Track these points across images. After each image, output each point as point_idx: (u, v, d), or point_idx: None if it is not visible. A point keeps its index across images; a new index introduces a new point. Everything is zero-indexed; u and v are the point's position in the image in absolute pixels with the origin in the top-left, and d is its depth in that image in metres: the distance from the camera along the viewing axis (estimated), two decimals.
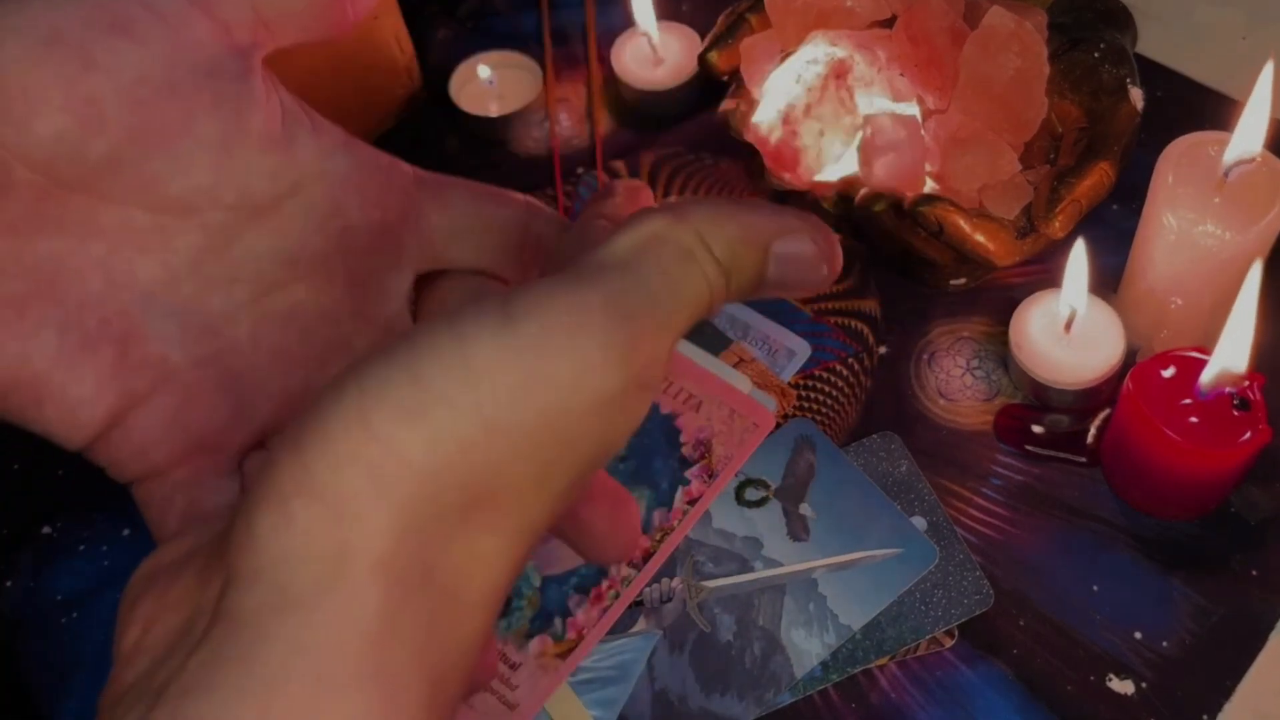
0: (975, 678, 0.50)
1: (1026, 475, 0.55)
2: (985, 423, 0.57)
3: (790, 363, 0.59)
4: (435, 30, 0.76)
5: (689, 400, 0.58)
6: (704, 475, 0.56)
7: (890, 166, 0.56)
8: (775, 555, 0.53)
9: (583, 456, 0.24)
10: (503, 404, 0.22)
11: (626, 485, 0.56)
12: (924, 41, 0.58)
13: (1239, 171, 0.50)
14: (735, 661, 0.51)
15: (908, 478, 0.55)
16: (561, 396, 0.23)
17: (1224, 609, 0.50)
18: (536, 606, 0.53)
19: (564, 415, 0.23)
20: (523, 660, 0.51)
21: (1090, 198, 0.54)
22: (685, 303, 0.25)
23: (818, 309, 0.61)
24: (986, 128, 0.57)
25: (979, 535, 0.53)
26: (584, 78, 0.73)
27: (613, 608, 0.52)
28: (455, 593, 0.23)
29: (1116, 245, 0.58)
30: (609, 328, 0.23)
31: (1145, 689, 0.49)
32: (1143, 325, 0.56)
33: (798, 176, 0.58)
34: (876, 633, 0.51)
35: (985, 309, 0.60)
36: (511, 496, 0.23)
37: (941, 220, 0.53)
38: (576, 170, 0.68)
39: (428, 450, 0.22)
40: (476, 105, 0.70)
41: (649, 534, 0.54)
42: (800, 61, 0.58)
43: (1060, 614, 0.51)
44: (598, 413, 0.24)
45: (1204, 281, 0.52)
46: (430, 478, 0.22)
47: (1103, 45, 0.58)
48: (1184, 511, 0.53)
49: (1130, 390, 0.50)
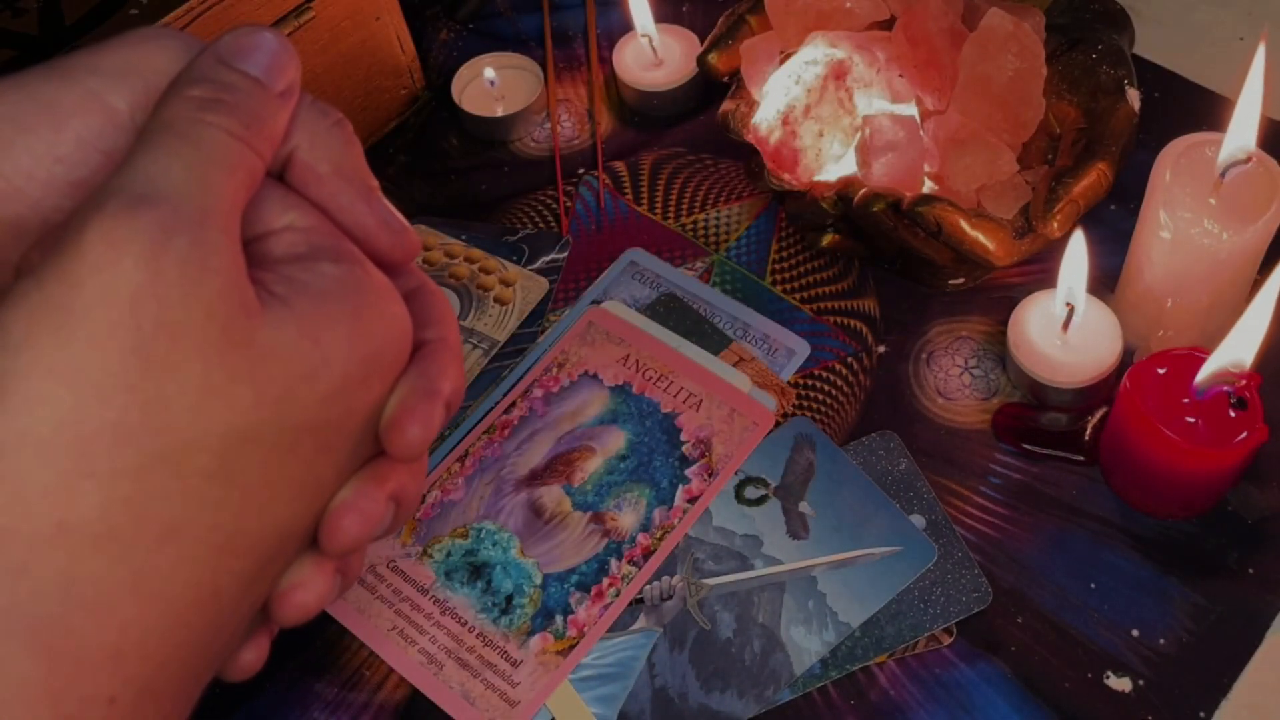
0: (973, 675, 0.50)
1: (1025, 474, 0.55)
2: (983, 421, 0.57)
3: (790, 362, 0.60)
4: (437, 31, 0.76)
5: (689, 399, 0.58)
6: (704, 473, 0.56)
7: (889, 167, 0.56)
8: (775, 553, 0.53)
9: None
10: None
11: (626, 484, 0.56)
12: (923, 42, 0.58)
13: (1235, 172, 0.50)
14: (735, 659, 0.51)
15: (906, 476, 0.55)
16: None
17: (1221, 607, 0.51)
18: (538, 604, 0.53)
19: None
20: (524, 658, 0.52)
21: (1088, 198, 0.54)
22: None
23: (817, 309, 0.61)
24: (985, 128, 0.57)
25: (977, 533, 0.53)
26: (585, 79, 0.73)
27: (613, 605, 0.53)
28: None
29: (1114, 245, 0.59)
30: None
31: (1143, 686, 0.49)
32: (1140, 325, 0.56)
33: (797, 177, 0.59)
34: (875, 630, 0.51)
35: (983, 309, 0.61)
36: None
37: (940, 220, 0.54)
38: (577, 170, 0.69)
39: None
40: (478, 106, 0.71)
41: (649, 532, 0.55)
42: (799, 62, 0.59)
43: (1058, 612, 0.51)
44: None
45: (1201, 281, 0.53)
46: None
47: (1101, 46, 0.58)
48: (1181, 510, 0.53)
49: (1128, 389, 0.50)
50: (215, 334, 0.25)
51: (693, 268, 0.64)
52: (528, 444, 0.58)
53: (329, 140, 0.30)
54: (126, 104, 0.29)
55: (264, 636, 0.31)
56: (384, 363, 0.29)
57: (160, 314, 0.24)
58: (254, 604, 0.29)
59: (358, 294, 0.28)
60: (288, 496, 0.27)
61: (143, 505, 0.25)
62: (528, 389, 0.59)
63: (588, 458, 0.57)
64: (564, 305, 0.63)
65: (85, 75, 0.29)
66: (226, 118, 0.27)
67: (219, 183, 0.27)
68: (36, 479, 0.24)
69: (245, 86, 0.28)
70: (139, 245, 0.25)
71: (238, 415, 0.26)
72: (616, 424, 0.58)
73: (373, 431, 0.30)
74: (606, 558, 0.54)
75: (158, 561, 0.25)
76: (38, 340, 0.24)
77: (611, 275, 0.64)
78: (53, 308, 0.24)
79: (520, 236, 0.66)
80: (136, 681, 0.25)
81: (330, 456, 0.28)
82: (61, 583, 0.24)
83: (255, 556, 0.27)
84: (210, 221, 0.26)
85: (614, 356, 0.60)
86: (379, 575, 0.54)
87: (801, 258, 0.64)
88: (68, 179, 0.28)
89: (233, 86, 0.28)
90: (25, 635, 0.23)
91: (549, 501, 0.56)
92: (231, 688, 0.52)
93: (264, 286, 0.27)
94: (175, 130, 0.27)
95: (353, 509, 0.29)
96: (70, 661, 0.24)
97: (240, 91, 0.28)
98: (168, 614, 0.26)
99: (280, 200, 0.29)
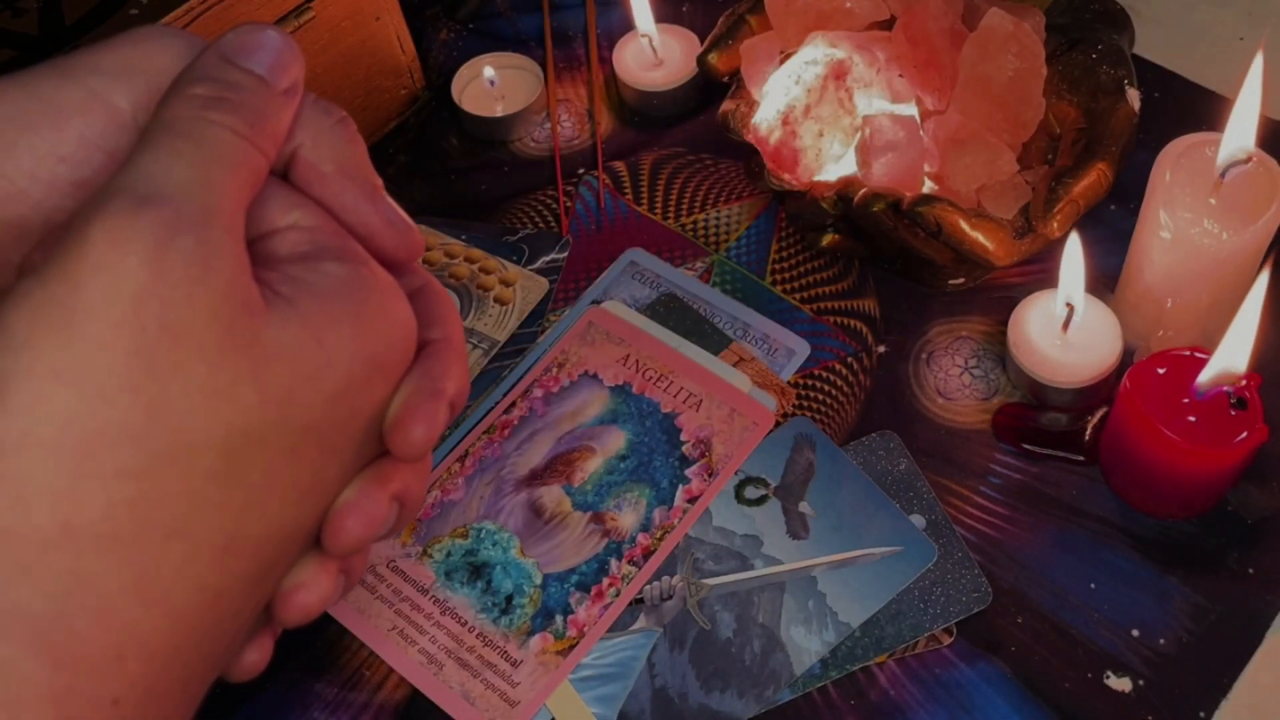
0: (974, 675, 0.50)
1: (1025, 474, 0.55)
2: (983, 421, 0.57)
3: (790, 362, 0.60)
4: (437, 31, 0.76)
5: (689, 399, 0.58)
6: (704, 473, 0.56)
7: (889, 167, 0.56)
8: (775, 553, 0.53)
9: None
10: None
11: (627, 484, 0.56)
12: (923, 42, 0.58)
13: (1235, 172, 0.50)
14: (735, 659, 0.51)
15: (906, 476, 0.55)
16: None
17: (1221, 607, 0.51)
18: (538, 604, 0.53)
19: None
20: (524, 658, 0.52)
21: (1088, 198, 0.54)
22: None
23: (817, 309, 0.61)
24: (985, 128, 0.57)
25: (977, 533, 0.53)
26: (585, 79, 0.73)
27: (613, 605, 0.53)
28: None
29: (1114, 245, 0.59)
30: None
31: (1143, 686, 0.49)
32: (1140, 325, 0.56)
33: (797, 177, 0.59)
34: (875, 630, 0.51)
35: (983, 309, 0.61)
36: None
37: (940, 220, 0.54)
38: (577, 170, 0.69)
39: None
40: (479, 105, 0.71)
41: (649, 532, 0.55)
42: (799, 62, 0.59)
43: (1058, 612, 0.51)
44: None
45: (1201, 281, 0.53)
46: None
47: (1101, 46, 0.58)
48: (1181, 510, 0.53)
49: (1128, 389, 0.50)
50: (219, 334, 0.25)
51: (693, 268, 0.64)
52: (528, 444, 0.58)
53: (332, 139, 0.30)
54: (129, 103, 0.29)
55: (267, 637, 0.31)
56: (388, 363, 0.29)
57: (164, 314, 0.24)
58: (257, 605, 0.29)
59: (363, 294, 0.28)
60: (291, 497, 0.27)
61: (147, 506, 0.25)
62: (528, 389, 0.59)
63: (588, 458, 0.57)
64: (564, 305, 0.63)
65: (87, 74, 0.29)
66: (230, 116, 0.27)
67: (223, 182, 0.26)
68: (40, 480, 0.24)
69: (249, 85, 0.28)
70: (142, 245, 0.24)
71: (242, 416, 0.26)
72: (616, 424, 0.58)
73: (376, 432, 0.30)
74: (606, 558, 0.54)
75: (161, 563, 0.25)
76: (40, 340, 0.24)
77: (611, 275, 0.64)
78: (55, 307, 0.24)
79: (520, 236, 0.66)
80: (140, 682, 0.25)
81: (334, 457, 0.28)
82: (65, 584, 0.24)
83: (259, 557, 0.27)
84: (214, 221, 0.26)
85: (614, 356, 0.60)
86: (379, 575, 0.54)
87: (801, 258, 0.64)
88: (70, 179, 0.28)
89: (236, 85, 0.28)
90: (29, 637, 0.23)
91: (549, 501, 0.56)
92: (232, 688, 0.52)
93: (268, 286, 0.27)
94: (179, 129, 0.27)
95: (356, 509, 0.29)
96: (74, 663, 0.24)
97: (244, 90, 0.28)
98: (171, 615, 0.26)
99: (284, 199, 0.29)
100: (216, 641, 0.27)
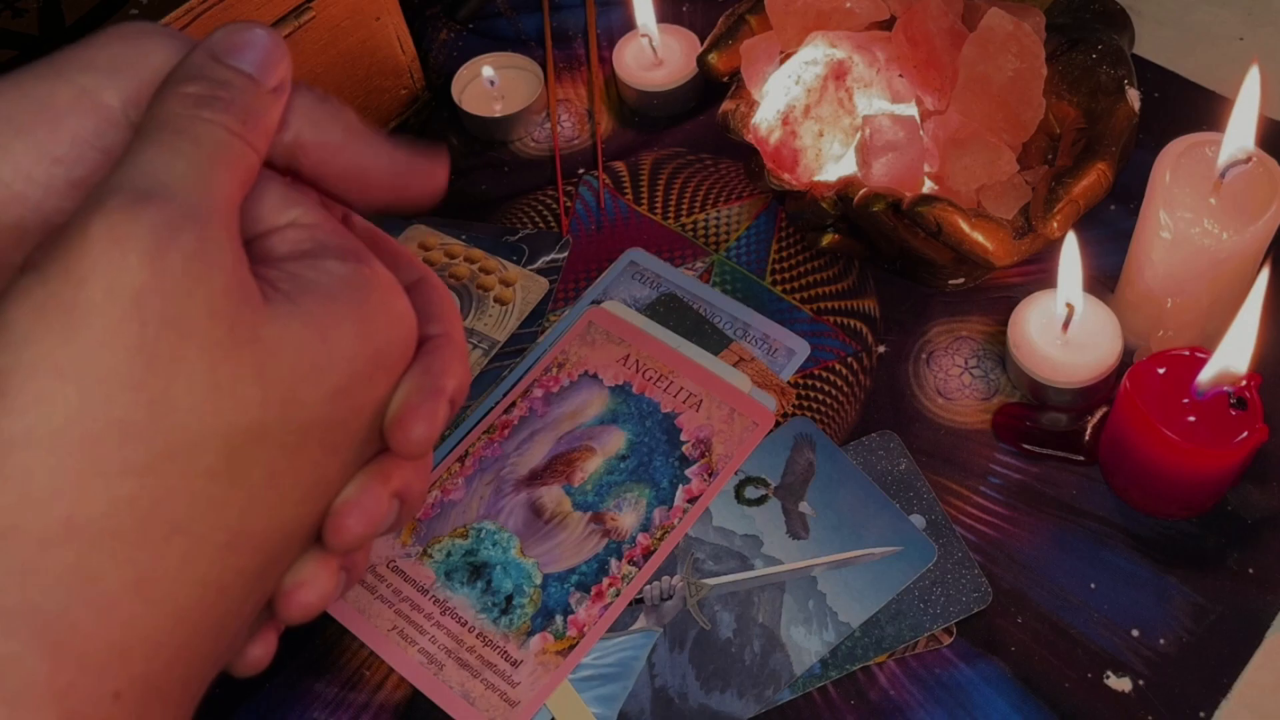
0: (973, 675, 0.50)
1: (1025, 474, 0.55)
2: (983, 421, 0.57)
3: (790, 362, 0.60)
4: (437, 31, 0.76)
5: (689, 399, 0.58)
6: (704, 473, 0.56)
7: (889, 167, 0.56)
8: (775, 553, 0.53)
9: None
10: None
11: (627, 484, 0.56)
12: (923, 42, 0.58)
13: (1235, 172, 0.50)
14: (735, 659, 0.51)
15: (906, 476, 0.55)
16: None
17: (1221, 607, 0.51)
18: (538, 604, 0.53)
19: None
20: (524, 658, 0.52)
21: (1088, 198, 0.54)
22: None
23: (817, 309, 0.61)
24: (985, 128, 0.57)
25: (977, 533, 0.53)
26: (585, 79, 0.73)
27: (613, 605, 0.53)
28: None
29: (1114, 245, 0.59)
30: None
31: (1143, 686, 0.49)
32: (1140, 325, 0.56)
33: (797, 177, 0.59)
34: (875, 630, 0.51)
35: (983, 309, 0.61)
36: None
37: (940, 220, 0.54)
38: (577, 170, 0.69)
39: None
40: (479, 106, 0.71)
41: (649, 532, 0.55)
42: (799, 62, 0.59)
43: (1058, 612, 0.51)
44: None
45: (1201, 281, 0.53)
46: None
47: (1100, 46, 0.58)
48: (1181, 510, 0.53)
49: (1128, 389, 0.50)
50: (221, 331, 0.25)
51: (693, 268, 0.64)
52: (528, 444, 0.58)
53: (323, 113, 0.30)
54: (119, 100, 0.29)
55: (271, 632, 0.31)
56: (389, 360, 0.29)
57: (165, 311, 0.24)
58: (259, 601, 0.29)
59: (363, 291, 0.28)
60: (293, 494, 0.27)
61: (149, 503, 0.25)
62: (528, 389, 0.59)
63: (588, 458, 0.57)
64: (564, 305, 0.63)
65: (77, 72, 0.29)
66: (223, 114, 0.27)
67: (220, 179, 0.27)
68: (43, 477, 0.24)
69: (240, 83, 0.28)
70: (143, 241, 0.24)
71: (243, 413, 0.26)
72: (616, 424, 0.58)
73: (377, 429, 0.30)
74: (606, 558, 0.54)
75: (164, 559, 0.25)
76: (42, 337, 0.24)
77: (611, 275, 0.64)
78: (56, 304, 0.24)
79: (520, 236, 0.66)
80: (142, 678, 0.25)
81: (335, 454, 0.28)
82: (68, 581, 0.24)
83: (260, 554, 0.27)
84: (214, 218, 0.26)
85: (614, 356, 0.60)
86: (379, 575, 0.54)
87: (801, 258, 0.64)
88: (67, 179, 0.28)
89: (228, 83, 0.28)
90: (32, 633, 0.24)
91: (549, 501, 0.56)
92: (232, 687, 0.52)
93: (269, 284, 0.27)
94: (174, 127, 0.27)
95: (357, 507, 0.29)
96: (76, 658, 0.24)
97: (235, 88, 0.28)
98: (173, 611, 0.26)
99: (283, 197, 0.29)
100: (218, 638, 0.27)
